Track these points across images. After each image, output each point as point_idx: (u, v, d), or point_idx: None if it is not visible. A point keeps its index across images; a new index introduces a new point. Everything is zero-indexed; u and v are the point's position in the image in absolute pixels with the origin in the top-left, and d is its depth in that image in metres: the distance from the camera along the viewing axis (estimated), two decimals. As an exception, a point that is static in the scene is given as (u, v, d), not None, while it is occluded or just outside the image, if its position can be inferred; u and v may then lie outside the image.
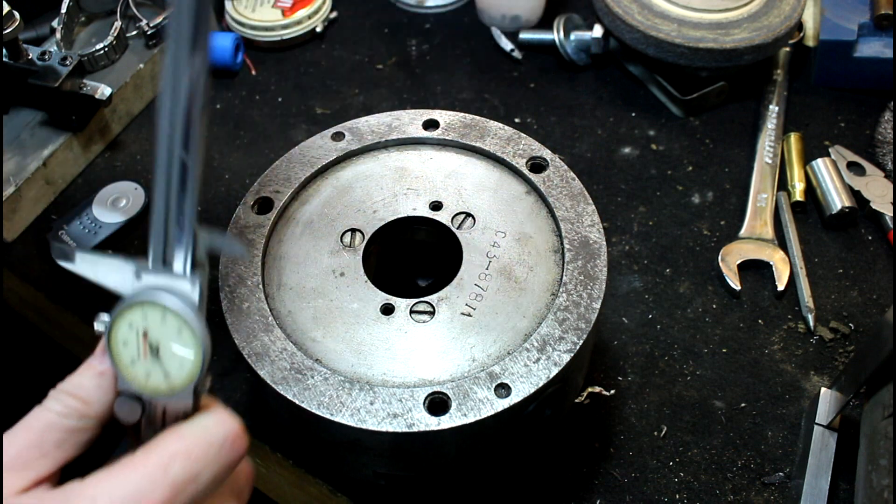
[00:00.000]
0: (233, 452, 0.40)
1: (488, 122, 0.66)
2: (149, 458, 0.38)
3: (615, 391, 0.69)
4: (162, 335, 0.40)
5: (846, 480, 0.63)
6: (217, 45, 0.96)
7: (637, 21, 0.87)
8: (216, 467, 0.39)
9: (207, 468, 0.39)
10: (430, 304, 0.57)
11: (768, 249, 0.78)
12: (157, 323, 0.40)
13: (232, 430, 0.40)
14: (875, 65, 0.90)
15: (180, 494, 0.38)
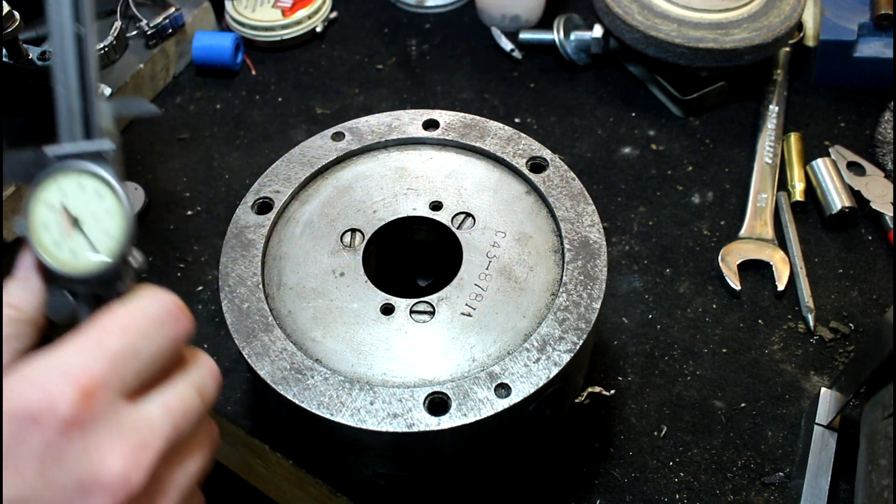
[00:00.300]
0: (173, 326, 0.39)
1: (488, 122, 0.66)
2: (83, 336, 0.37)
3: (615, 391, 0.69)
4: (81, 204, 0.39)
5: (846, 480, 0.63)
6: (217, 45, 0.96)
7: (637, 21, 0.87)
8: (157, 341, 0.38)
9: (147, 341, 0.38)
10: (430, 304, 0.57)
11: (768, 249, 0.78)
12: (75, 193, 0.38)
13: (169, 303, 0.40)
14: (875, 65, 0.90)
15: (121, 368, 0.37)
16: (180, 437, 0.39)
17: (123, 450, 0.36)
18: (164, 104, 0.96)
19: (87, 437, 0.35)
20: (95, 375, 0.36)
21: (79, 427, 0.35)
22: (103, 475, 0.35)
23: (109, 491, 0.35)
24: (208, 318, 0.76)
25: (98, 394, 0.36)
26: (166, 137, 0.92)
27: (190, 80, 0.98)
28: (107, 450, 0.35)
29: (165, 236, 0.83)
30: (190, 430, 0.39)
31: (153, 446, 0.37)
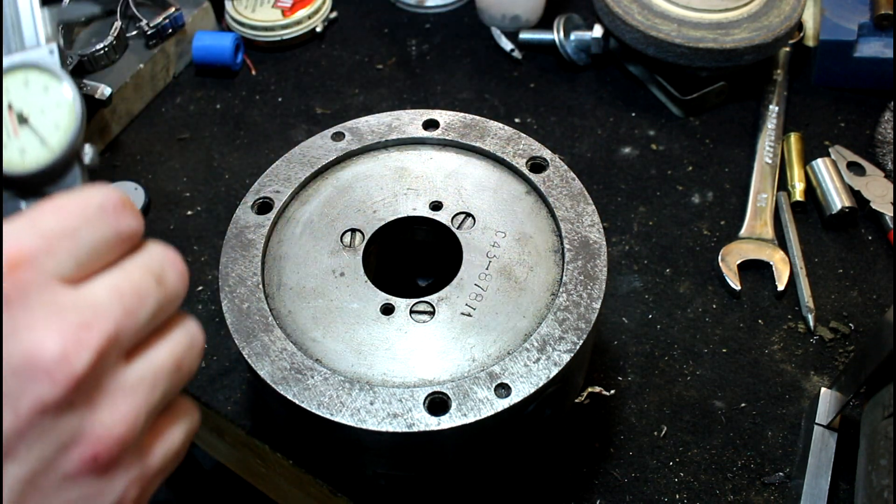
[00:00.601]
0: (117, 217, 0.35)
1: (488, 122, 0.66)
2: (14, 218, 0.34)
3: (615, 391, 0.69)
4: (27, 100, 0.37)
5: (846, 480, 0.63)
6: (217, 45, 0.96)
7: (637, 21, 0.87)
8: (98, 228, 0.35)
9: (86, 226, 0.34)
10: (430, 304, 0.57)
11: (768, 249, 0.78)
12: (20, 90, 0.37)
13: (114, 196, 0.36)
14: (875, 65, 0.90)
15: (55, 247, 0.33)
16: (135, 322, 0.34)
17: (61, 329, 0.31)
18: (164, 104, 0.96)
19: (16, 312, 0.31)
20: (23, 248, 0.32)
21: (6, 301, 0.31)
22: (39, 356, 0.31)
23: (48, 374, 0.31)
24: (208, 318, 0.76)
25: (25, 267, 0.32)
26: (166, 137, 0.92)
27: (190, 80, 0.98)
28: (41, 329, 0.31)
29: (165, 236, 0.83)
30: (147, 318, 0.35)
31: (99, 327, 0.32)
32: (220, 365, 0.72)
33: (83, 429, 0.32)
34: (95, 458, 0.33)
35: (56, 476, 0.32)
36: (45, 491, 0.32)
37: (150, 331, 0.36)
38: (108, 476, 0.33)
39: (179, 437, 0.38)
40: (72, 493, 0.33)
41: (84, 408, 0.32)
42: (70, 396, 0.32)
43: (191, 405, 0.39)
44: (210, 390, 0.71)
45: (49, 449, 0.32)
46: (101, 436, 0.33)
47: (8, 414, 0.31)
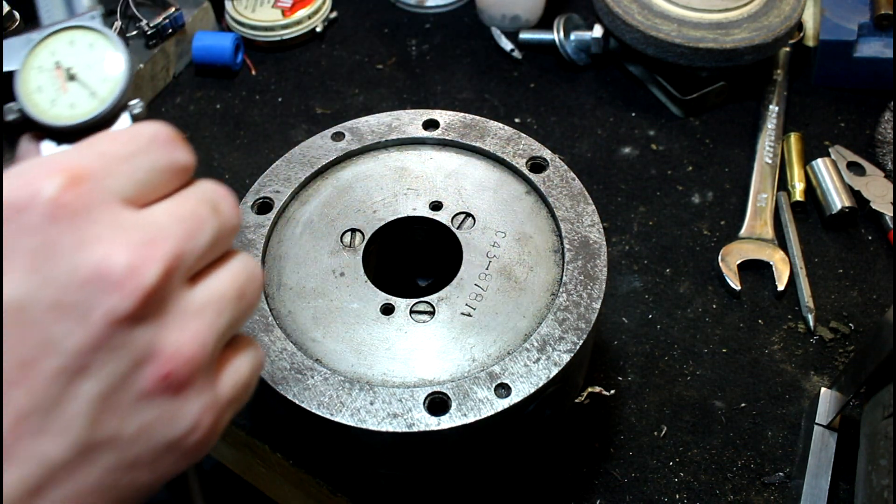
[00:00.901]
0: (170, 148, 0.36)
1: (488, 122, 0.66)
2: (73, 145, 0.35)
3: (615, 391, 0.69)
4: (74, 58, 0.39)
5: (846, 480, 0.63)
6: (217, 45, 0.96)
7: (637, 21, 0.87)
8: (152, 156, 0.35)
9: (141, 154, 0.35)
10: (430, 304, 0.57)
11: (768, 249, 0.78)
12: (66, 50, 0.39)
13: (166, 129, 0.37)
14: (875, 65, 0.90)
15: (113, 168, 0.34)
16: (195, 246, 0.34)
17: (128, 243, 0.32)
18: (164, 104, 0.96)
19: (81, 225, 0.31)
20: (84, 165, 0.32)
21: (68, 214, 0.31)
22: (108, 268, 0.31)
23: (118, 286, 0.31)
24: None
25: (87, 183, 0.32)
26: (166, 137, 0.92)
27: (190, 80, 0.98)
28: (107, 243, 0.31)
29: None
30: (207, 243, 0.35)
31: (163, 246, 0.33)
32: (220, 365, 0.72)
33: (155, 346, 0.32)
34: (168, 375, 0.33)
35: (130, 394, 0.32)
36: (120, 410, 0.32)
37: (210, 259, 0.36)
38: (181, 397, 0.34)
39: (247, 369, 0.38)
40: (147, 413, 0.33)
41: (155, 325, 0.32)
42: (140, 310, 0.32)
43: (255, 342, 0.39)
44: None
45: (122, 364, 0.32)
46: (173, 354, 0.33)
47: (79, 326, 0.31)
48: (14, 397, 0.30)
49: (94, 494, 0.32)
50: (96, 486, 0.32)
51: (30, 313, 0.30)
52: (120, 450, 0.33)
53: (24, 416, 0.30)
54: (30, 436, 0.30)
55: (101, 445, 0.32)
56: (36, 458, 0.31)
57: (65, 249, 0.31)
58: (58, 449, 0.31)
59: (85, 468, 0.32)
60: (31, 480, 0.31)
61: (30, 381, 0.30)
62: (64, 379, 0.31)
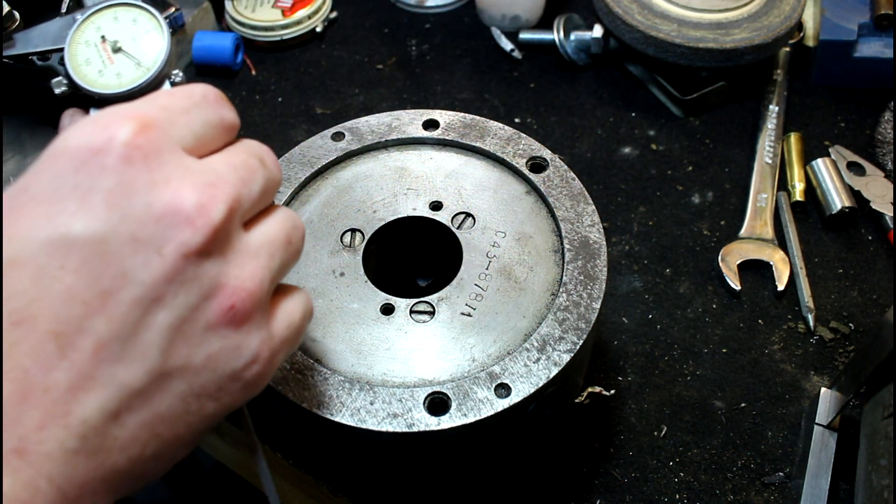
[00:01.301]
0: (220, 105, 0.40)
1: (488, 122, 0.66)
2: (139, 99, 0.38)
3: (615, 391, 0.69)
4: (119, 32, 0.43)
5: (846, 480, 0.63)
6: (217, 45, 0.96)
7: (637, 21, 0.87)
8: (204, 111, 0.38)
9: (195, 109, 0.38)
10: (430, 304, 0.57)
11: (768, 249, 0.78)
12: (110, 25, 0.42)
13: (214, 89, 0.40)
14: (875, 65, 0.90)
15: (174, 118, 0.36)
16: (249, 192, 0.37)
17: (195, 184, 0.34)
18: (164, 104, 0.96)
19: (153, 167, 0.34)
20: (149, 114, 0.35)
21: (141, 155, 0.34)
22: (180, 205, 0.34)
23: (190, 221, 0.34)
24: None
25: (156, 128, 0.35)
26: (166, 137, 0.92)
27: (190, 80, 0.98)
28: (177, 182, 0.34)
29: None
30: (258, 191, 0.38)
31: (225, 189, 0.35)
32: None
33: (220, 279, 0.35)
34: (232, 307, 0.35)
35: (200, 324, 0.35)
36: (190, 340, 0.35)
37: (260, 207, 0.39)
38: (243, 331, 0.36)
39: (298, 312, 0.41)
40: (213, 343, 0.35)
41: (220, 261, 0.35)
42: (209, 245, 0.34)
43: (305, 292, 0.42)
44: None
45: (193, 296, 0.34)
46: (237, 287, 0.35)
47: (154, 258, 0.33)
48: (95, 325, 0.32)
49: (165, 422, 0.35)
50: (167, 413, 0.35)
51: (110, 246, 0.33)
52: (189, 378, 0.35)
53: (105, 343, 0.32)
54: (109, 362, 0.33)
55: (173, 374, 0.34)
56: (116, 383, 0.33)
57: (139, 188, 0.33)
58: (134, 375, 0.33)
59: (158, 396, 0.34)
60: (109, 405, 0.33)
61: (109, 310, 0.32)
62: (140, 309, 0.33)
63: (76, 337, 0.32)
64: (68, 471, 0.32)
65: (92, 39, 0.43)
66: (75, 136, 0.34)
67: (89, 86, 0.42)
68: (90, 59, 0.42)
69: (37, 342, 0.31)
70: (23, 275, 0.32)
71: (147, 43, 0.42)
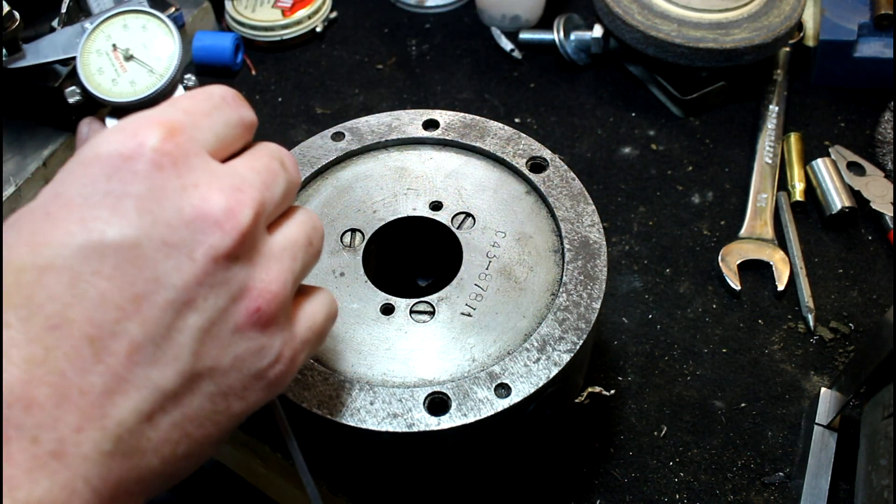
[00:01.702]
0: (238, 106, 0.40)
1: (488, 122, 0.66)
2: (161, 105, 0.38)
3: (615, 391, 0.69)
4: (129, 40, 0.43)
5: (846, 480, 0.63)
6: (217, 45, 0.96)
7: (637, 21, 0.87)
8: (225, 113, 0.39)
9: (217, 111, 0.38)
10: (430, 304, 0.57)
11: (768, 249, 0.78)
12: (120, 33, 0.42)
13: (230, 90, 0.40)
14: (875, 65, 0.90)
15: (198, 122, 0.37)
16: (272, 195, 0.38)
17: (223, 188, 0.35)
18: (164, 104, 0.96)
19: (182, 172, 0.35)
20: (174, 119, 0.36)
21: (171, 160, 0.34)
22: (209, 209, 0.34)
23: (219, 226, 0.34)
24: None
25: (181, 134, 0.35)
26: (166, 137, 0.92)
27: (190, 80, 0.98)
28: (206, 187, 0.35)
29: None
30: (280, 194, 0.39)
31: (251, 192, 0.36)
32: (220, 365, 0.72)
33: (247, 282, 0.36)
34: (259, 310, 0.36)
35: (228, 327, 0.36)
36: (220, 341, 0.35)
37: (282, 209, 0.40)
38: (268, 332, 0.37)
39: (321, 314, 0.42)
40: (241, 345, 0.36)
41: (247, 264, 0.36)
42: (238, 248, 0.35)
43: (329, 293, 0.43)
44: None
45: (222, 299, 0.35)
46: (263, 290, 0.36)
47: (186, 262, 0.34)
48: (129, 328, 0.33)
49: (195, 422, 0.35)
50: (198, 413, 0.35)
51: (143, 250, 0.33)
52: (218, 379, 0.36)
53: (138, 346, 0.33)
54: (143, 365, 0.33)
55: (203, 375, 0.35)
56: (149, 385, 0.33)
57: (170, 193, 0.34)
58: (168, 377, 0.34)
59: (189, 397, 0.35)
60: (144, 407, 0.33)
61: (143, 314, 0.33)
62: (173, 312, 0.34)
63: (111, 341, 0.32)
64: (104, 472, 0.32)
65: (103, 48, 0.43)
66: (105, 142, 0.35)
67: (104, 95, 0.42)
68: (103, 67, 0.42)
69: (73, 346, 0.32)
70: (58, 280, 0.32)
71: (158, 49, 0.43)
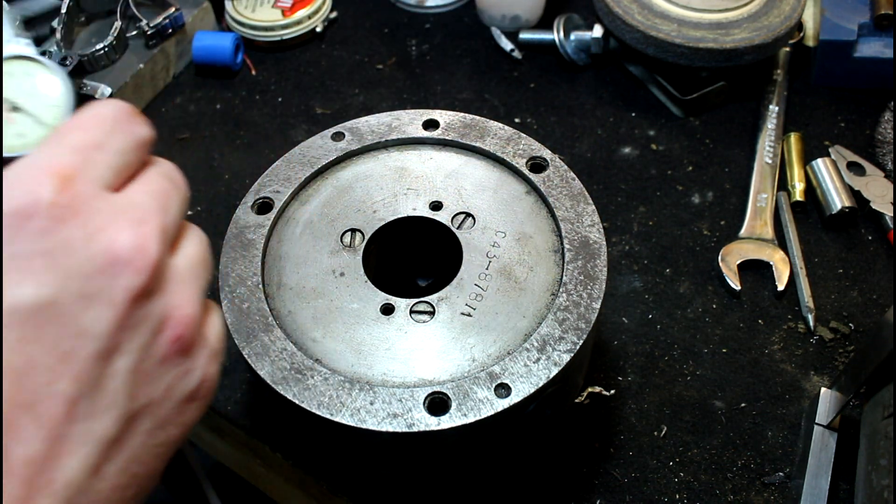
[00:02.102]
0: (131, 125, 0.38)
1: (488, 122, 0.66)
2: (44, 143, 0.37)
3: (615, 391, 0.69)
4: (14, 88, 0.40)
5: (846, 480, 0.63)
6: (217, 45, 0.96)
7: (637, 21, 0.87)
8: (118, 137, 0.37)
9: (109, 137, 0.37)
10: (430, 304, 0.57)
11: (768, 249, 0.78)
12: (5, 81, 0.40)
13: (123, 106, 0.39)
14: (875, 65, 0.90)
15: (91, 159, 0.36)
16: (171, 218, 0.38)
17: (127, 225, 0.35)
18: (164, 104, 0.96)
19: (84, 219, 0.34)
20: (67, 164, 0.35)
21: (71, 211, 0.34)
22: (118, 251, 0.34)
23: (130, 265, 0.34)
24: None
25: (77, 179, 0.34)
26: (166, 137, 0.92)
27: (190, 80, 0.98)
28: (110, 229, 0.34)
29: (165, 236, 0.83)
30: (176, 215, 0.39)
31: (152, 222, 0.36)
32: (220, 365, 0.72)
33: (165, 312, 0.36)
34: (181, 337, 0.36)
35: (155, 360, 0.36)
36: (150, 376, 0.36)
37: (177, 228, 0.39)
38: (191, 354, 0.38)
39: (220, 323, 0.42)
40: (170, 374, 0.37)
41: (162, 293, 0.36)
42: (151, 283, 0.35)
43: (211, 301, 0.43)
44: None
45: (145, 335, 0.35)
46: (181, 316, 0.36)
47: (105, 310, 0.34)
48: (62, 387, 0.32)
49: (139, 461, 0.36)
50: (141, 452, 0.36)
51: (61, 307, 0.33)
52: (154, 413, 0.36)
53: (74, 402, 0.33)
54: (82, 419, 0.33)
55: (140, 413, 0.35)
56: (91, 439, 0.33)
57: (77, 244, 0.33)
58: (108, 425, 0.34)
59: (130, 438, 0.35)
60: (90, 461, 0.33)
61: (73, 370, 0.33)
62: (101, 361, 0.34)
63: (46, 403, 0.32)
64: None
65: None
66: None
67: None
68: None
69: (9, 419, 0.31)
70: None
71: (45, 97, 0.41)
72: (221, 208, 0.85)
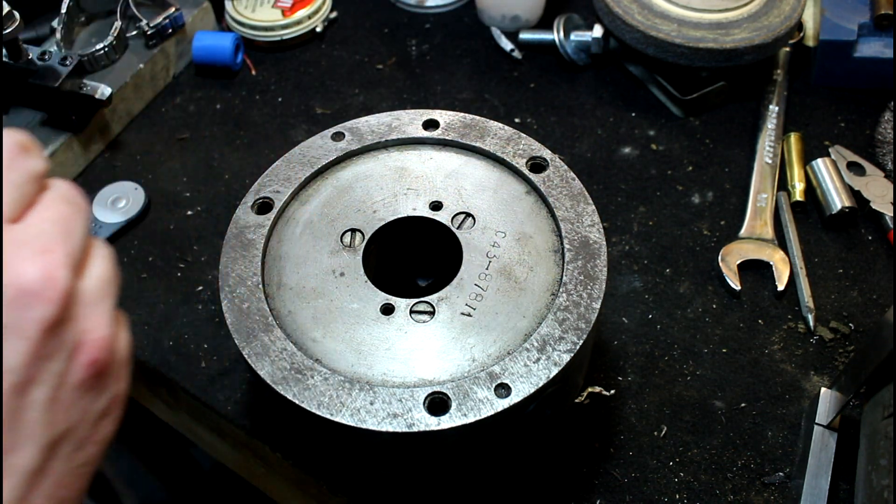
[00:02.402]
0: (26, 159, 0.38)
1: (488, 122, 0.66)
2: None
3: (615, 391, 0.69)
4: None
5: (846, 480, 0.63)
6: (217, 45, 0.96)
7: (637, 21, 0.87)
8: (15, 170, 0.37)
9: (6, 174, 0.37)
10: (430, 304, 0.57)
11: (768, 249, 0.78)
12: None
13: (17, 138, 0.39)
14: (875, 65, 0.90)
15: None
16: (74, 243, 0.38)
17: (32, 257, 0.35)
18: (164, 104, 0.96)
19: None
20: None
21: None
22: (26, 284, 0.34)
23: (40, 297, 0.34)
24: (208, 318, 0.76)
25: None
26: (166, 137, 0.92)
27: (190, 80, 0.98)
28: (17, 262, 0.34)
29: (165, 236, 0.83)
30: (79, 238, 0.38)
31: (56, 250, 0.36)
32: (220, 365, 0.72)
33: (78, 338, 0.36)
34: (96, 361, 0.37)
35: (70, 387, 0.36)
36: (67, 403, 0.36)
37: (83, 249, 0.39)
38: (106, 376, 0.38)
39: (127, 334, 0.42)
40: (85, 399, 0.37)
41: (75, 320, 0.36)
42: (62, 312, 0.35)
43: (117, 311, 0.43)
44: (210, 390, 0.71)
45: (60, 363, 0.35)
46: (94, 340, 0.37)
47: (19, 343, 0.34)
48: None
49: (64, 484, 0.36)
50: (64, 476, 0.36)
51: None
52: (73, 437, 0.37)
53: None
54: (4, 454, 0.33)
55: (60, 439, 0.36)
56: (16, 472, 0.34)
57: None
58: (30, 456, 0.34)
59: (53, 465, 0.36)
60: (16, 494, 0.34)
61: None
62: (19, 394, 0.34)
63: None
64: None
65: None
66: None
67: None
68: None
69: None
70: None
71: None
72: (221, 208, 0.85)
